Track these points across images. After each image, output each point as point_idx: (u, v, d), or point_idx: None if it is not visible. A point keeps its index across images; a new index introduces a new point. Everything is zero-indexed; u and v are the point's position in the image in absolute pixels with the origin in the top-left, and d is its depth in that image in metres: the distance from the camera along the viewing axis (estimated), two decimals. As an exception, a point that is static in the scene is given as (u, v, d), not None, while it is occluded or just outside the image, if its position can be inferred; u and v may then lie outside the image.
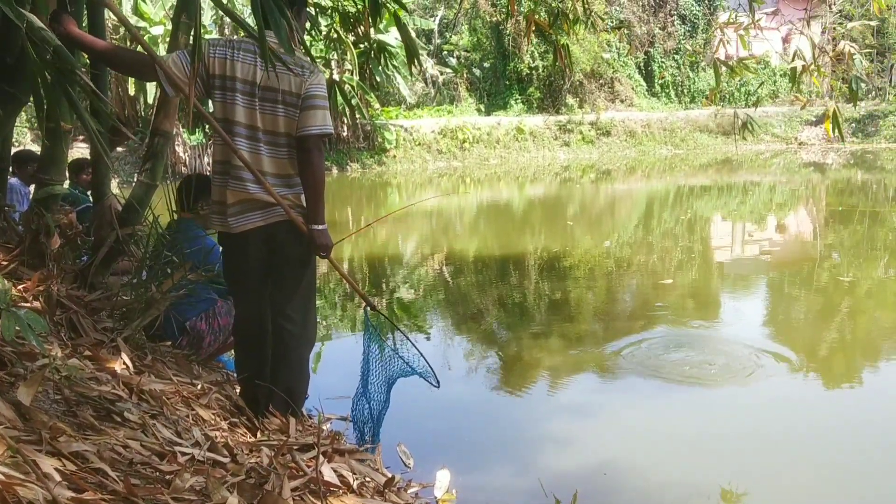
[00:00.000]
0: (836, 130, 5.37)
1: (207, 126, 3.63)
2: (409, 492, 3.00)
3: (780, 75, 29.93)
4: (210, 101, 3.08)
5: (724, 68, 6.18)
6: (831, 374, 4.60)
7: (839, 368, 4.71)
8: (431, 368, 3.31)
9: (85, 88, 2.71)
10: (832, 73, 6.12)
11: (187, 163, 19.76)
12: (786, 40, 29.65)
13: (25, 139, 18.66)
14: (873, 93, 29.79)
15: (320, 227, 3.08)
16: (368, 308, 3.40)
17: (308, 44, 19.77)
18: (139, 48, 3.12)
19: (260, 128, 2.99)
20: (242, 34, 3.05)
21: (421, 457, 3.48)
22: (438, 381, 3.31)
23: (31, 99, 2.72)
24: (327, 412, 3.77)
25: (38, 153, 4.46)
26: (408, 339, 3.39)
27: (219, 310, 3.95)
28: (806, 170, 21.44)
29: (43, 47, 2.29)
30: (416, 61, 4.96)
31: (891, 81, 29.64)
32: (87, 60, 3.70)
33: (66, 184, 4.92)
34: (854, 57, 5.77)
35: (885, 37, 29.24)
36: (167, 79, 2.93)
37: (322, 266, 3.24)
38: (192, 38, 2.86)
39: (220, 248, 3.28)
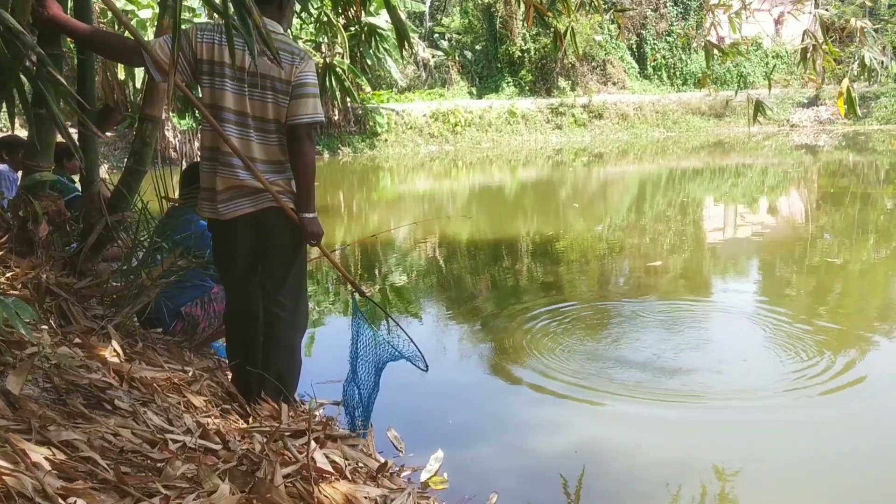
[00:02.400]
0: (851, 108, 5.27)
1: (197, 111, 3.61)
2: (402, 476, 3.01)
3: (772, 57, 29.91)
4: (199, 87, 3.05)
5: (715, 51, 6.15)
6: (824, 358, 4.61)
7: (831, 352, 4.72)
8: (420, 352, 3.32)
9: (51, 80, 2.66)
10: (841, 52, 6.08)
11: (177, 148, 19.65)
12: (777, 22, 29.61)
13: (14, 124, 18.49)
14: (864, 74, 29.74)
15: (310, 215, 3.07)
16: (357, 294, 3.40)
17: (298, 27, 19.65)
18: (126, 33, 3.08)
19: (249, 114, 2.97)
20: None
21: (413, 441, 3.49)
22: (427, 365, 3.32)
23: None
24: (320, 397, 3.77)
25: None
26: (396, 324, 3.39)
27: (214, 295, 3.93)
28: (798, 152, 21.46)
29: (20, 44, 2.26)
30: (406, 44, 4.91)
31: (882, 63, 29.63)
32: (73, 45, 3.66)
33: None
34: (867, 33, 5.72)
35: (876, 18, 29.20)
36: (154, 64, 2.89)
37: (314, 252, 3.24)
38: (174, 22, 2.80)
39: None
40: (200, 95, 3.05)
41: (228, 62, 2.92)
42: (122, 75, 18.58)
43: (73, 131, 4.07)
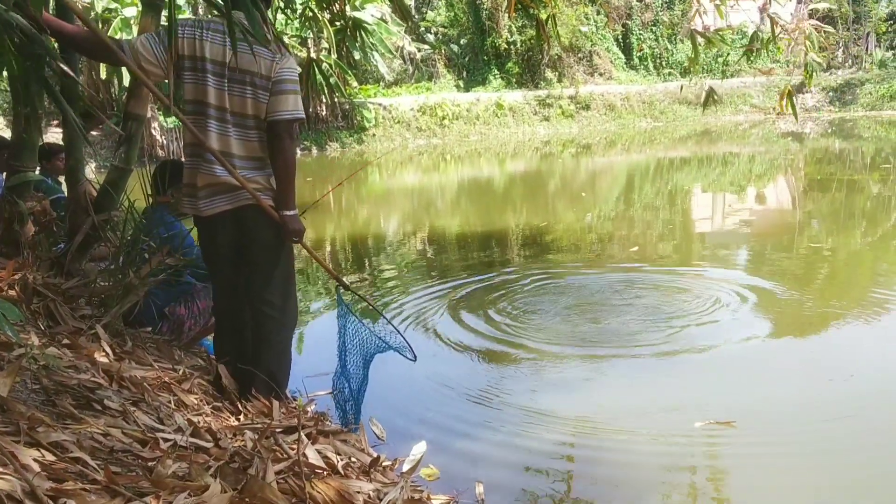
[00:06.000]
0: (790, 108, 5.44)
1: (180, 108, 3.53)
2: (394, 470, 3.01)
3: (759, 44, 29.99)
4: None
5: (700, 39, 6.17)
6: (815, 341, 4.64)
7: (823, 338, 4.76)
8: (408, 342, 3.31)
9: (57, 71, 2.65)
10: (805, 43, 6.17)
11: (164, 146, 19.57)
12: (762, 10, 29.64)
13: (-1, 124, 18.37)
14: (849, 61, 30.00)
15: (291, 212, 3.05)
16: (341, 288, 3.39)
17: (283, 23, 19.56)
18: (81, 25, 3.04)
19: (228, 109, 2.95)
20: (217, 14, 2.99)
21: (401, 431, 3.49)
22: (415, 355, 3.31)
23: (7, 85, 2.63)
24: (312, 391, 3.76)
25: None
26: (382, 315, 3.39)
27: (197, 293, 3.92)
28: (784, 139, 21.54)
29: (13, 31, 2.23)
30: (404, 14, 4.88)
31: (867, 49, 29.79)
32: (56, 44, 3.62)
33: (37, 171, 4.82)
34: (809, 38, 5.86)
35: (861, 4, 29.33)
36: (135, 63, 2.88)
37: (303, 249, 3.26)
38: (166, 19, 2.79)
39: (191, 235, 3.26)
40: (183, 92, 3.03)
41: (209, 57, 2.90)
42: (104, 75, 18.46)
43: (58, 131, 4.02)
